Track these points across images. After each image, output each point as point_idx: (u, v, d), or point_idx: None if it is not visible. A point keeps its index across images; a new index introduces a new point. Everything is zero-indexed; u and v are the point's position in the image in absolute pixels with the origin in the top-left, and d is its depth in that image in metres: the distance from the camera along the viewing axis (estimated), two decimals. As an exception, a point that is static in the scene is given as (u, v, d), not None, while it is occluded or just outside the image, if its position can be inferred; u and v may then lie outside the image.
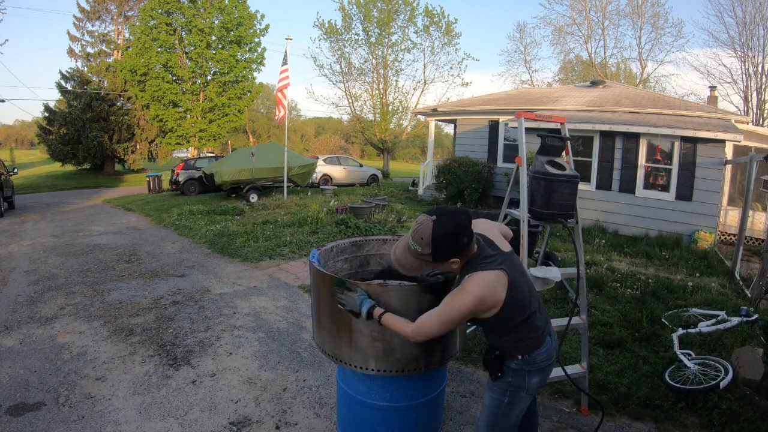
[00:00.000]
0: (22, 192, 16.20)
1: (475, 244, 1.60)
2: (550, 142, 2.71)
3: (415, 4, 23.84)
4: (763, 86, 21.85)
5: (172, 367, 3.29)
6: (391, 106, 24.96)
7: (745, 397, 2.74)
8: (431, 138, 14.68)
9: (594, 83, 14.62)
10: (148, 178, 16.53)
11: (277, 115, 12.88)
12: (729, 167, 9.15)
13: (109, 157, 24.09)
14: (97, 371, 3.21)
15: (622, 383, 3.05)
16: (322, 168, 17.95)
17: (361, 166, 20.34)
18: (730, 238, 9.13)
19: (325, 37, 24.53)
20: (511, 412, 1.75)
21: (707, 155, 8.31)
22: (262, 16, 23.80)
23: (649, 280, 5.37)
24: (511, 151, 11.65)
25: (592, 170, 9.53)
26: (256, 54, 23.39)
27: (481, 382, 3.13)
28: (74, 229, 8.69)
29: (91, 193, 16.51)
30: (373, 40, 24.06)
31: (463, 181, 11.22)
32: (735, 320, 3.58)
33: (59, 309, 4.40)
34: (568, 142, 2.80)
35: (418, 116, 23.25)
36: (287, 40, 11.68)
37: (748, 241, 8.75)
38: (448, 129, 26.92)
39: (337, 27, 24.23)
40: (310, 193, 13.57)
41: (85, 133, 22.20)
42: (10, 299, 4.67)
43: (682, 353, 3.21)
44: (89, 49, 24.60)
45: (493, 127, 12.11)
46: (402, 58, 24.90)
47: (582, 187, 6.80)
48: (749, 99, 22.54)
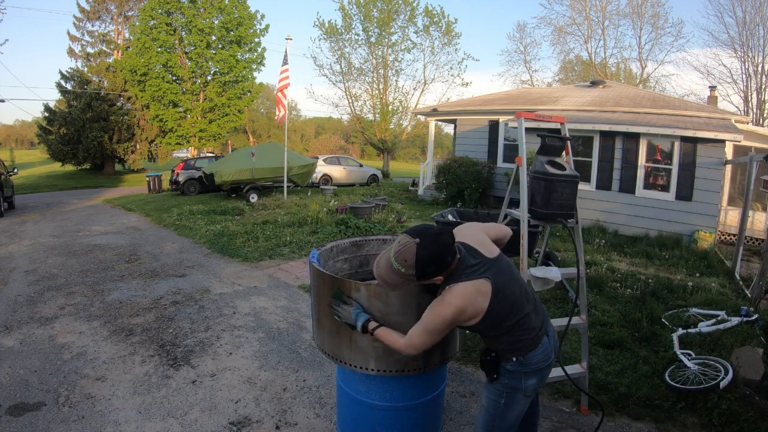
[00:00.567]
0: (22, 192, 16.21)
1: (457, 257, 1.59)
2: (550, 142, 2.71)
3: (415, 4, 23.86)
4: (763, 86, 21.87)
5: (172, 367, 3.29)
6: (391, 106, 24.97)
7: (745, 397, 2.74)
8: (431, 138, 14.68)
9: (594, 83, 14.61)
10: (148, 178, 16.54)
11: (277, 115, 12.89)
12: (729, 167, 9.15)
13: (109, 157, 24.10)
14: (97, 371, 3.21)
15: (622, 383, 3.05)
16: (322, 168, 17.95)
17: (361, 166, 20.34)
18: (730, 238, 9.13)
19: (325, 37, 24.59)
20: (509, 414, 1.74)
21: (707, 155, 8.31)
22: (262, 16, 23.89)
23: (649, 280, 5.36)
24: (511, 151, 11.65)
25: (592, 170, 9.52)
26: (256, 54, 23.42)
27: (481, 382, 3.13)
28: (74, 229, 8.69)
29: (91, 193, 16.51)
30: (373, 40, 24.09)
31: (463, 181, 11.23)
32: (735, 320, 3.57)
33: (59, 309, 4.40)
34: (568, 142, 2.80)
35: (418, 116, 23.26)
36: (287, 40, 11.71)
37: (748, 241, 8.75)
38: (448, 129, 26.96)
39: (337, 27, 24.29)
40: (310, 193, 13.58)
41: (85, 133, 22.21)
42: (10, 299, 4.67)
43: (682, 353, 3.21)
44: (89, 49, 24.64)
45: (493, 127, 12.12)
46: (402, 58, 24.98)
47: (582, 187, 6.80)
48: (749, 99, 22.56)
